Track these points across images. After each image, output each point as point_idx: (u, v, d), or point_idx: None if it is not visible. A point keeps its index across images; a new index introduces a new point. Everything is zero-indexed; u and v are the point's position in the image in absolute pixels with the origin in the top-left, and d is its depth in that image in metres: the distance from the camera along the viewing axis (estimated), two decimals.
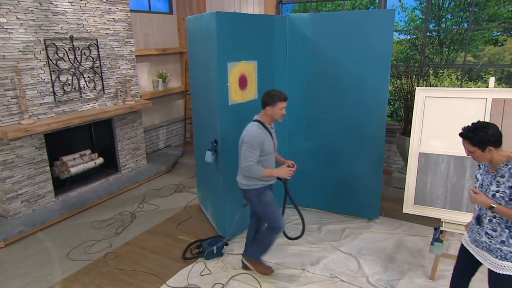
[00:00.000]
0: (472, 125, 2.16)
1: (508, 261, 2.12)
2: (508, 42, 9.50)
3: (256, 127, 2.92)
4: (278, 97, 2.87)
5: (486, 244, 2.21)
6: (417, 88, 3.35)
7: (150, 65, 6.53)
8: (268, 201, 3.06)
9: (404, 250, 3.66)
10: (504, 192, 2.08)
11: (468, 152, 2.20)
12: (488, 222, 2.19)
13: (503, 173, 2.10)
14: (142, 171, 5.71)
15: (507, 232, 2.11)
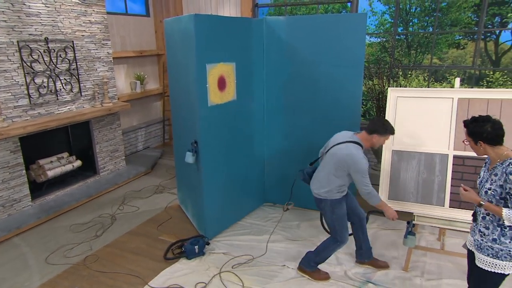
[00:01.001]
0: (476, 117, 2.16)
1: (499, 259, 2.10)
2: (469, 46, 9.90)
3: (362, 154, 2.83)
4: (390, 130, 2.85)
5: (477, 242, 2.19)
6: (389, 88, 3.42)
7: (127, 67, 6.38)
8: (341, 213, 3.02)
9: (379, 243, 3.72)
10: (495, 190, 2.07)
11: (465, 140, 2.23)
12: (481, 219, 2.18)
13: (497, 172, 2.09)
14: (121, 173, 5.57)
15: (498, 230, 2.10)
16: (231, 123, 3.86)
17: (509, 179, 1.99)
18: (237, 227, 4.10)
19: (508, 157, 2.06)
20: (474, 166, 3.07)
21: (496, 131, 2.08)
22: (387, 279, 3.18)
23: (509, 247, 2.07)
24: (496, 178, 2.07)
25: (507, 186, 2.01)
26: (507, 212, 1.99)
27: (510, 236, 2.07)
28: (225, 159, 3.86)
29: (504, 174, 2.02)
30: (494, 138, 2.08)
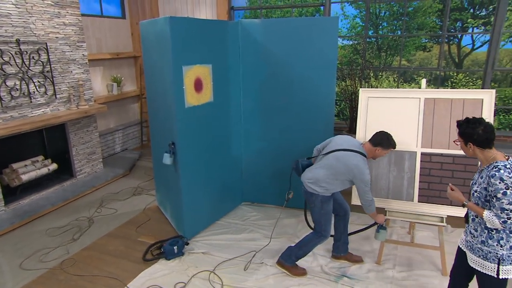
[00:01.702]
0: (469, 118, 2.13)
1: (488, 261, 2.09)
2: (434, 49, 10.21)
3: (367, 165, 2.91)
4: (393, 144, 2.96)
5: (469, 243, 2.20)
6: (361, 89, 3.47)
7: (103, 69, 6.23)
8: (328, 209, 3.07)
9: (353, 238, 3.77)
10: (480, 192, 2.08)
11: (457, 140, 2.21)
12: (471, 221, 2.19)
13: (483, 174, 2.09)
14: (98, 176, 5.43)
15: (486, 233, 2.09)
16: (209, 124, 3.83)
17: (491, 182, 1.99)
18: (216, 226, 4.08)
19: (495, 160, 2.05)
20: (440, 162, 3.17)
21: (487, 134, 2.06)
22: (361, 272, 3.24)
23: (496, 249, 2.05)
24: (482, 181, 2.08)
25: (489, 189, 2.02)
26: (487, 214, 2.02)
27: (497, 239, 2.05)
28: (202, 160, 3.82)
29: (487, 177, 2.02)
30: (484, 141, 2.07)
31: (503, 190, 1.95)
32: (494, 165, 2.03)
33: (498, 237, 2.05)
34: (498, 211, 1.98)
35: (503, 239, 2.04)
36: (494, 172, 1.98)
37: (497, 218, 1.98)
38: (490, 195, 2.02)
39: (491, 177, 1.99)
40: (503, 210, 1.96)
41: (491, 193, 2.01)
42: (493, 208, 2.01)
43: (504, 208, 1.96)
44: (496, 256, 2.06)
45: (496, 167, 2.00)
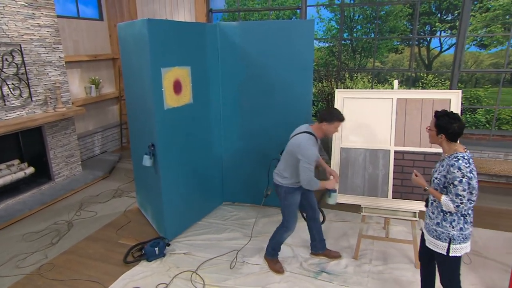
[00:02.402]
0: (448, 112, 2.27)
1: (440, 241, 2.30)
2: (405, 51, 10.49)
3: (311, 142, 2.85)
4: (337, 117, 2.85)
5: (427, 225, 2.39)
6: (336, 90, 3.51)
7: (81, 71, 6.05)
8: (292, 202, 3.06)
9: (331, 235, 3.82)
10: (440, 179, 2.27)
11: (429, 128, 2.34)
12: (430, 205, 2.39)
13: (444, 163, 2.27)
14: (77, 178, 5.27)
15: (441, 215, 2.29)
16: (188, 126, 3.78)
17: (450, 171, 2.18)
18: (197, 227, 4.03)
19: (456, 151, 2.22)
20: (413, 160, 3.24)
21: (460, 130, 2.22)
22: (340, 267, 3.27)
23: (448, 230, 2.26)
24: (442, 169, 2.26)
25: (448, 177, 2.20)
26: (444, 198, 2.21)
27: (450, 221, 2.26)
28: (183, 161, 3.77)
29: (448, 166, 2.20)
30: (455, 135, 2.23)
31: (459, 178, 2.14)
32: (454, 155, 2.21)
33: (451, 219, 2.26)
34: (453, 196, 2.18)
35: (455, 221, 2.26)
36: (454, 162, 2.17)
37: (452, 203, 2.19)
38: (448, 182, 2.21)
39: (451, 166, 2.18)
40: (458, 195, 2.16)
41: (449, 180, 2.20)
42: (450, 193, 2.20)
43: (459, 194, 2.16)
44: (448, 236, 2.26)
45: (456, 157, 2.19)
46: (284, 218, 3.13)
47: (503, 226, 3.96)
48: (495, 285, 3.00)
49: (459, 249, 2.27)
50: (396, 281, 3.06)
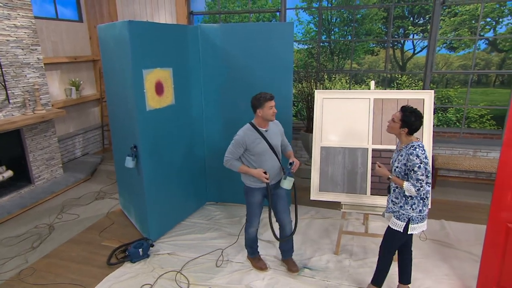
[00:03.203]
0: (414, 109, 2.45)
1: (399, 220, 2.53)
2: (381, 53, 10.71)
3: (245, 128, 2.87)
4: (264, 98, 2.77)
5: (390, 209, 2.61)
6: (316, 91, 3.54)
7: (61, 73, 5.88)
8: (250, 201, 3.02)
9: (313, 231, 3.85)
10: (400, 167, 2.48)
11: (392, 120, 2.50)
12: (392, 191, 2.60)
13: (402, 153, 2.48)
14: (58, 181, 5.11)
15: (404, 200, 2.51)
16: (171, 127, 3.73)
17: (410, 158, 2.40)
18: (181, 227, 3.98)
19: (412, 141, 2.46)
20: (389, 157, 3.30)
21: (419, 127, 2.45)
22: (321, 263, 3.30)
23: (409, 212, 2.49)
24: (401, 158, 2.47)
25: (408, 164, 2.41)
26: (406, 184, 2.42)
27: (411, 204, 2.49)
28: (165, 162, 3.72)
29: (407, 155, 2.42)
30: (415, 130, 2.45)
31: (418, 164, 2.37)
32: (411, 145, 2.44)
33: (412, 203, 2.49)
34: (414, 181, 2.38)
35: (415, 204, 2.49)
36: (412, 151, 2.40)
37: (414, 187, 2.38)
38: (408, 169, 2.42)
39: (410, 154, 2.40)
40: (418, 180, 2.37)
41: (410, 167, 2.41)
42: (411, 179, 2.41)
43: (419, 179, 2.37)
44: (407, 217, 2.50)
45: (413, 146, 2.42)
46: (247, 215, 3.12)
47: (473, 219, 4.09)
48: (466, 275, 3.10)
49: (417, 228, 2.52)
50: None
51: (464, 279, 3.05)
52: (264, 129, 2.89)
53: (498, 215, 2.57)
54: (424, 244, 3.57)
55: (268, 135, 2.89)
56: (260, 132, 2.87)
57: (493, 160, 5.05)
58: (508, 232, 2.55)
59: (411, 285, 2.94)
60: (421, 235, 3.70)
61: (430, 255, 3.39)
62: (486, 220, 3.97)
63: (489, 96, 10.76)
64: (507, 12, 9.00)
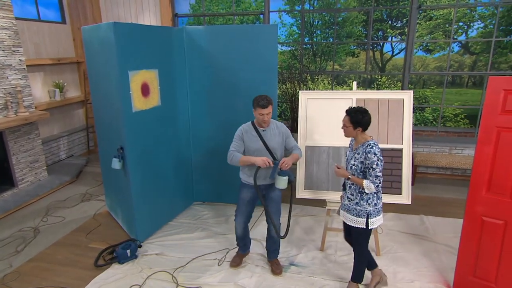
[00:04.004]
0: (357, 108, 2.49)
1: (360, 217, 2.57)
2: (361, 54, 10.88)
3: (245, 124, 2.92)
4: (257, 103, 2.74)
5: (346, 206, 2.65)
6: (300, 92, 3.56)
7: (44, 75, 5.71)
8: (240, 197, 3.02)
9: (299, 229, 3.87)
10: (357, 165, 2.51)
11: (344, 126, 2.55)
12: (348, 188, 2.62)
13: (359, 151, 2.51)
14: (43, 184, 4.97)
15: (359, 196, 2.55)
16: (157, 128, 3.69)
17: (368, 157, 2.43)
18: (169, 227, 3.94)
19: (367, 140, 2.50)
20: None
21: (369, 120, 2.50)
22: (307, 259, 3.32)
23: (366, 207, 2.54)
24: (358, 156, 2.51)
25: (366, 162, 2.45)
26: (366, 182, 2.46)
27: (366, 200, 2.54)
28: (152, 163, 3.67)
29: (364, 153, 2.45)
30: (366, 126, 2.50)
31: (376, 162, 2.41)
32: (367, 143, 2.47)
33: (367, 198, 2.54)
34: (373, 178, 2.43)
35: (370, 199, 2.54)
36: (370, 149, 2.43)
37: (373, 184, 2.44)
38: (366, 167, 2.45)
39: (367, 152, 2.43)
40: (377, 177, 2.43)
41: (368, 165, 2.44)
42: (370, 176, 2.45)
43: (377, 175, 2.43)
44: (366, 212, 2.54)
45: (369, 145, 2.46)
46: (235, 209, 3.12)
47: (450, 213, 4.20)
48: (444, 267, 3.19)
49: (375, 222, 2.58)
50: None
51: (442, 271, 3.13)
52: (262, 129, 2.88)
53: (474, 209, 2.65)
54: (405, 239, 3.65)
55: (266, 135, 2.87)
56: (258, 131, 2.87)
57: (467, 157, 5.20)
58: (483, 225, 2.63)
59: (393, 278, 2.99)
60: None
61: (410, 249, 3.46)
62: (462, 214, 4.09)
63: (463, 96, 11.09)
64: (477, 17, 9.30)
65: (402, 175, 3.29)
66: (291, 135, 2.97)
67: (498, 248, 2.60)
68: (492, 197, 2.56)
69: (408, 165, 3.28)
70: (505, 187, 2.50)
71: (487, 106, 2.50)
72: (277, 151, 2.91)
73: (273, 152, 2.88)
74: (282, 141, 2.92)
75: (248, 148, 2.88)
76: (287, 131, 2.95)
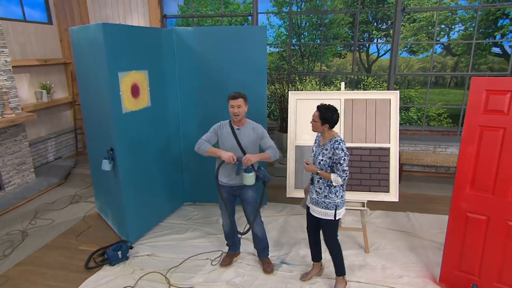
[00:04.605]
0: (328, 105, 2.59)
1: (328, 209, 2.65)
2: (348, 56, 10.99)
3: (223, 121, 2.95)
4: (229, 96, 2.83)
5: (315, 200, 2.71)
6: (290, 92, 3.57)
7: (31, 76, 5.59)
8: (219, 197, 3.02)
9: (290, 228, 3.89)
10: (325, 161, 2.59)
11: (313, 120, 2.62)
12: (317, 182, 2.68)
13: (327, 147, 2.59)
14: (30, 186, 4.86)
15: (328, 189, 2.63)
16: (147, 129, 3.65)
17: (336, 152, 2.52)
18: (160, 228, 3.90)
19: (334, 136, 2.59)
20: (360, 155, 3.40)
21: (337, 119, 2.60)
22: (298, 258, 3.34)
23: (334, 199, 2.63)
24: (326, 152, 2.59)
25: (334, 158, 2.53)
26: (334, 176, 2.55)
27: (334, 192, 2.62)
28: (143, 164, 3.63)
29: (332, 149, 2.54)
30: (334, 123, 2.60)
31: (343, 157, 2.52)
32: (335, 139, 2.57)
33: (335, 191, 2.63)
34: (341, 172, 2.54)
35: (338, 191, 2.64)
36: (337, 145, 2.53)
37: (341, 178, 2.55)
38: (334, 162, 2.55)
39: (335, 148, 2.53)
40: (344, 171, 2.54)
41: (336, 160, 2.54)
42: (337, 171, 2.55)
43: (344, 170, 2.54)
44: (334, 204, 2.64)
45: (336, 141, 2.56)
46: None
47: (435, 209, 4.29)
48: (431, 262, 3.25)
49: (342, 212, 2.69)
50: (349, 266, 3.19)
51: (429, 266, 3.19)
52: (236, 127, 2.90)
53: (458, 206, 2.71)
54: (393, 235, 3.70)
55: (239, 134, 2.90)
56: (233, 129, 2.90)
57: (451, 155, 5.31)
58: (467, 221, 2.70)
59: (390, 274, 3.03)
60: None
61: (398, 245, 3.52)
62: (446, 210, 4.19)
63: (445, 96, 11.33)
64: (458, 20, 9.50)
65: (389, 174, 3.34)
66: (268, 136, 2.96)
67: (481, 243, 2.67)
68: (475, 193, 2.63)
69: (395, 164, 3.33)
70: (488, 184, 2.57)
71: (470, 106, 2.57)
72: (249, 150, 2.90)
73: (245, 151, 2.89)
74: (256, 140, 2.92)
75: (222, 144, 2.93)
76: (263, 132, 2.96)
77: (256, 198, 3.03)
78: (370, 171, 3.36)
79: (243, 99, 2.84)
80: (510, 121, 2.43)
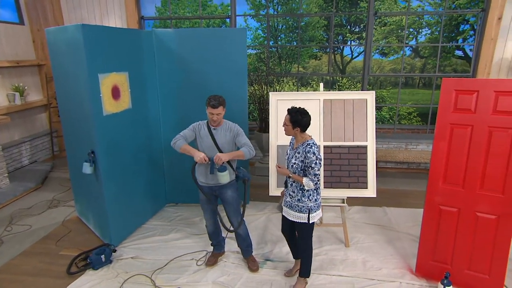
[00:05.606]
0: (298, 108, 2.55)
1: (302, 213, 2.63)
2: (323, 57, 11.21)
3: (202, 121, 2.95)
4: (208, 102, 2.79)
5: (289, 203, 2.69)
6: (270, 93, 3.61)
7: (2, 78, 5.34)
8: (200, 197, 3.03)
9: (272, 225, 3.92)
10: (298, 164, 2.56)
11: (285, 124, 2.60)
12: (290, 186, 2.67)
13: (299, 150, 2.57)
14: (4, 192, 4.64)
15: (301, 193, 2.61)
16: (128, 131, 3.58)
17: (307, 156, 2.49)
18: (143, 230, 3.83)
19: (306, 140, 2.56)
20: (339, 153, 3.47)
21: (308, 122, 2.56)
22: (282, 254, 3.38)
23: (307, 203, 2.61)
24: (299, 155, 2.56)
25: (306, 161, 2.51)
26: (306, 180, 2.52)
27: (307, 196, 2.60)
28: (124, 166, 3.56)
29: (304, 152, 2.51)
30: (306, 127, 2.56)
31: (315, 161, 2.48)
32: (307, 143, 2.54)
33: (308, 194, 2.61)
34: (312, 176, 2.51)
35: (311, 195, 2.61)
36: (309, 149, 2.50)
37: (312, 182, 2.51)
38: (306, 165, 2.52)
39: (307, 152, 2.50)
40: (315, 175, 2.51)
41: (307, 164, 2.50)
42: (309, 174, 2.52)
43: (316, 174, 2.51)
44: (307, 208, 2.61)
45: (308, 144, 2.53)
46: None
47: (409, 204, 4.45)
48: (407, 253, 3.37)
49: (316, 216, 2.66)
50: (331, 260, 3.26)
51: (406, 257, 3.31)
52: (213, 127, 2.92)
53: (432, 199, 2.83)
54: (371, 230, 3.81)
55: (216, 133, 2.91)
56: (210, 129, 2.91)
57: (421, 151, 5.53)
58: (441, 214, 2.82)
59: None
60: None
61: (377, 239, 3.63)
62: (419, 204, 4.36)
63: (415, 96, 11.77)
64: (424, 24, 9.90)
65: (367, 170, 3.44)
66: (243, 134, 2.97)
67: (453, 234, 2.81)
68: (447, 187, 2.76)
69: (372, 161, 3.43)
70: (458, 178, 2.70)
71: (442, 105, 2.69)
72: (226, 149, 2.91)
73: (222, 151, 2.90)
74: (232, 140, 2.94)
75: (200, 144, 2.93)
76: (238, 129, 2.97)
77: (236, 198, 3.03)
78: (349, 168, 3.45)
79: (222, 106, 2.83)
80: (477, 119, 2.57)
